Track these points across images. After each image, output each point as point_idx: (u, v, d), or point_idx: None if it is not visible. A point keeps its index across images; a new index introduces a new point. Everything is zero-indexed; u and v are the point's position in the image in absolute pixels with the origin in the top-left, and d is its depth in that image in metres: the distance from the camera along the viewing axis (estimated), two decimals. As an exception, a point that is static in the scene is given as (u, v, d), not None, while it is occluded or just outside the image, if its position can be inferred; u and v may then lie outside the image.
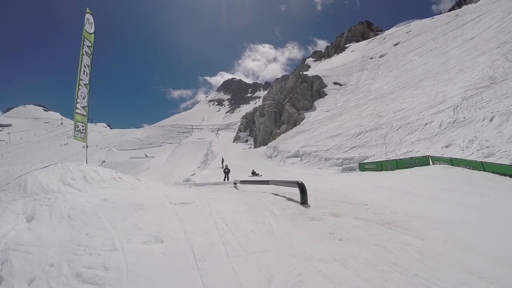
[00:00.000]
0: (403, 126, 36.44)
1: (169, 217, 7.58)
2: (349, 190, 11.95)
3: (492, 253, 5.14)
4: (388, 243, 5.81)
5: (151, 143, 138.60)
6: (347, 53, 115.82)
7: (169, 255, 5.33)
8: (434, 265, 4.76)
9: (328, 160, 37.13)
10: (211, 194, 11.55)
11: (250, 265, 4.91)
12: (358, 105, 55.90)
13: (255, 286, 4.26)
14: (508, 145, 22.34)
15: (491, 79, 35.55)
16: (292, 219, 7.50)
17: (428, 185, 14.05)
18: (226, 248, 5.65)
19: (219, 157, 53.40)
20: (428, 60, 65.40)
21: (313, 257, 5.09)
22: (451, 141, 27.69)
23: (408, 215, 7.72)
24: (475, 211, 9.23)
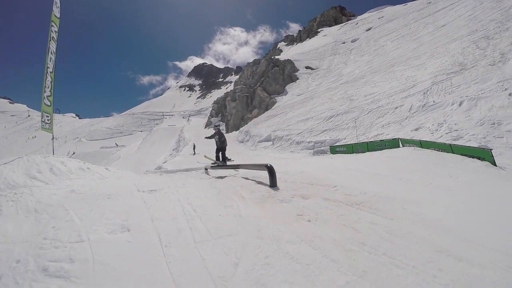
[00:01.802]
0: (374, 109, 37.45)
1: (136, 205, 7.41)
2: (319, 172, 11.90)
3: (460, 232, 5.20)
4: (357, 223, 5.77)
5: (121, 131, 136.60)
6: (319, 38, 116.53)
7: (136, 243, 5.20)
8: (402, 244, 4.75)
9: (300, 143, 37.70)
10: (181, 180, 11.39)
11: (217, 250, 4.82)
12: (330, 89, 56.63)
13: (222, 270, 4.17)
14: (476, 128, 23.01)
15: (461, 65, 36.78)
16: (261, 202, 7.39)
17: (398, 166, 14.18)
18: (193, 233, 5.54)
19: (190, 144, 53.11)
20: (400, 46, 66.64)
21: (280, 239, 5.01)
22: (420, 124, 28.43)
23: (377, 196, 7.69)
24: (444, 192, 9.32)
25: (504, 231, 5.50)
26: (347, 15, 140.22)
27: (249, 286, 3.78)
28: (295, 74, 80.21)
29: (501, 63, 32.35)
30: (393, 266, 4.11)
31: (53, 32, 15.78)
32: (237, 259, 4.46)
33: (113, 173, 14.20)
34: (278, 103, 67.24)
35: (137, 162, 55.16)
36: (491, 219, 6.35)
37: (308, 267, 4.10)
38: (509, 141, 20.88)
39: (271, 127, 48.48)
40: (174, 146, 68.62)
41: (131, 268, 4.36)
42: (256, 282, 3.83)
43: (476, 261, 4.18)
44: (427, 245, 4.71)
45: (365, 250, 4.60)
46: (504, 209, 7.42)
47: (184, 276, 4.11)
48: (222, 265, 4.33)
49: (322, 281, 3.78)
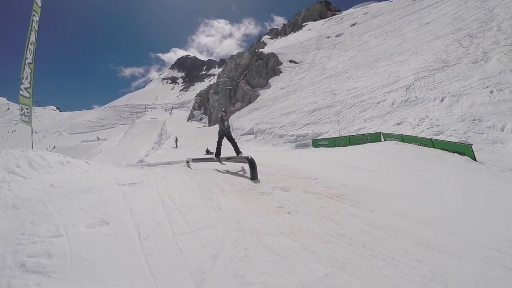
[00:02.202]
0: (357, 104, 37.97)
1: (116, 198, 7.27)
2: (301, 165, 11.94)
3: (439, 224, 5.25)
4: (336, 215, 5.79)
5: (103, 125, 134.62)
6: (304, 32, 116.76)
7: (114, 236, 5.10)
8: (382, 236, 4.78)
9: (282, 137, 38.04)
10: (162, 173, 11.22)
11: (195, 242, 4.78)
12: (313, 83, 56.93)
13: (200, 263, 4.14)
14: (457, 124, 23.50)
15: (444, 62, 37.70)
16: (241, 195, 7.38)
17: (379, 160, 14.32)
18: (171, 226, 5.48)
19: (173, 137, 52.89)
20: (384, 42, 67.38)
21: (260, 231, 5.00)
22: (402, 119, 28.95)
23: (357, 188, 7.76)
24: (424, 185, 9.43)
25: (483, 224, 5.58)
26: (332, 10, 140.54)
27: (228, 278, 3.74)
28: (278, 68, 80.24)
29: (483, 62, 33.18)
30: (373, 257, 4.12)
31: (35, 22, 15.39)
32: (216, 251, 4.43)
33: (93, 166, 13.95)
34: (261, 96, 67.27)
35: (118, 156, 54.60)
36: (470, 212, 6.42)
37: (287, 259, 4.09)
38: (489, 137, 21.48)
39: (253, 120, 48.55)
40: (156, 139, 68.14)
41: (109, 262, 4.28)
42: (234, 274, 3.80)
43: (455, 253, 4.22)
44: (406, 237, 4.74)
45: (345, 242, 4.62)
46: (483, 203, 7.54)
47: (162, 269, 4.06)
48: (200, 257, 4.29)
49: (301, 273, 3.77)
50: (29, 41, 14.93)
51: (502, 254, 4.25)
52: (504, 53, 33.14)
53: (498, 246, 4.51)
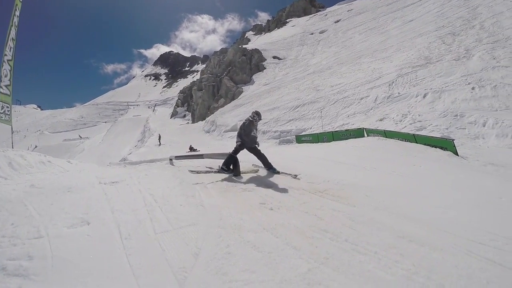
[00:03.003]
0: (340, 100, 38.32)
1: (97, 197, 7.15)
2: (284, 161, 11.99)
3: (422, 218, 5.32)
4: (319, 210, 5.82)
5: (85, 123, 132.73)
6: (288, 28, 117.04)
7: (95, 236, 5.02)
8: (365, 230, 4.82)
9: (266, 133, 38.19)
10: (144, 171, 11.03)
11: (177, 240, 4.74)
12: (297, 79, 57.18)
13: (182, 261, 4.09)
14: (440, 119, 23.90)
15: (426, 59, 38.53)
16: (224, 191, 7.35)
17: (362, 155, 14.45)
18: (153, 224, 5.42)
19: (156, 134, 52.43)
20: (367, 38, 68.04)
21: (242, 228, 4.99)
22: (385, 115, 29.36)
23: (340, 183, 7.80)
24: (407, 180, 9.54)
25: (465, 217, 5.65)
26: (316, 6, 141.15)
27: (210, 276, 3.71)
28: (262, 64, 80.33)
29: (466, 59, 34.16)
30: (355, 252, 4.14)
31: (15, 17, 15.03)
32: (198, 249, 4.40)
33: (75, 166, 13.73)
34: (245, 93, 67.36)
35: (101, 154, 53.99)
36: (452, 206, 6.47)
37: (270, 255, 4.08)
38: (471, 132, 22.05)
39: (237, 116, 48.52)
40: (139, 137, 67.35)
41: (91, 262, 4.22)
42: (216, 271, 3.77)
43: (437, 246, 4.27)
44: (389, 231, 4.78)
45: (327, 237, 4.63)
46: (465, 197, 7.62)
47: (143, 269, 4.01)
48: (182, 255, 4.25)
49: (284, 269, 3.75)
50: (9, 37, 14.56)
51: (485, 247, 4.31)
52: (486, 50, 34.06)
53: (480, 239, 4.57)
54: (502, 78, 27.85)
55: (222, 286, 3.48)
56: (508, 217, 6.21)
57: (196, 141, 41.11)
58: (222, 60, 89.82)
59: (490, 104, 24.86)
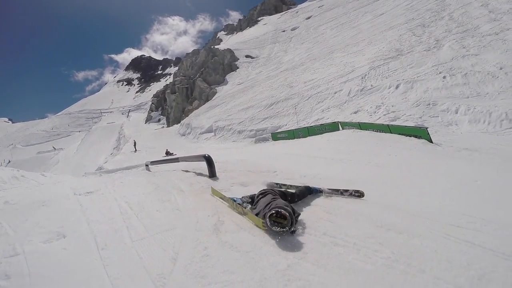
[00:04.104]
0: (314, 95, 38.59)
1: (72, 209, 7.10)
2: (260, 159, 12.34)
3: (399, 206, 5.33)
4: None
5: (58, 133, 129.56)
6: (259, 26, 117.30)
7: (71, 249, 4.98)
8: (342, 222, 4.82)
9: (242, 132, 38.22)
10: (119, 179, 11.04)
11: (154, 246, 4.73)
12: (270, 77, 57.37)
13: (160, 267, 4.07)
14: (413, 109, 24.37)
15: (397, 51, 39.32)
16: (200, 194, 7.27)
17: (338, 148, 14.66)
18: (130, 232, 5.39)
19: (131, 141, 51.71)
20: (339, 33, 68.74)
21: (219, 230, 4.96)
22: (359, 108, 29.81)
23: (317, 177, 7.86)
24: (382, 170, 9.61)
25: (442, 202, 5.71)
26: (287, 3, 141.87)
27: (189, 280, 3.69)
28: (235, 64, 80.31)
29: (436, 49, 35.02)
30: (334, 245, 4.15)
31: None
32: (175, 254, 4.37)
33: (49, 178, 13.58)
34: (219, 93, 67.08)
35: (77, 165, 53.10)
36: (428, 192, 6.57)
37: (248, 254, 4.07)
38: (444, 120, 22.65)
39: (212, 118, 48.31)
40: (114, 144, 66.50)
41: (68, 276, 4.18)
42: (195, 275, 3.75)
43: (416, 233, 4.30)
44: (367, 222, 4.78)
45: (306, 232, 4.63)
46: (441, 182, 7.73)
47: (122, 278, 3.97)
48: (160, 262, 4.23)
49: (263, 267, 3.75)
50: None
51: (463, 229, 4.37)
52: (456, 40, 34.95)
53: (458, 222, 4.62)
54: (472, 66, 28.54)
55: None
56: (484, 199, 6.26)
57: (172, 145, 40.82)
58: (194, 61, 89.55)
59: (462, 92, 25.47)
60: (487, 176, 8.88)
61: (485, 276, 3.32)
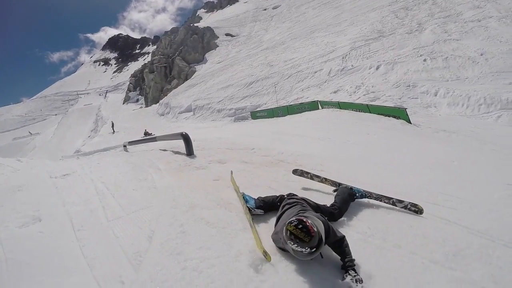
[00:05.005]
0: (294, 74, 38.65)
1: (48, 192, 6.94)
2: (238, 137, 12.15)
3: (376, 183, 5.41)
4: (274, 182, 5.89)
5: (34, 118, 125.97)
6: (240, 4, 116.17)
7: (47, 232, 4.86)
8: (319, 198, 4.71)
9: (221, 111, 38.14)
10: (96, 161, 10.93)
11: (130, 225, 4.67)
12: (250, 55, 57.05)
13: (136, 246, 4.03)
14: (393, 90, 24.80)
15: (379, 32, 39.78)
16: (177, 172, 7.24)
17: (317, 127, 14.84)
18: (105, 212, 5.31)
19: (109, 122, 50.90)
20: (321, 13, 68.66)
21: (196, 206, 4.92)
22: (339, 87, 30.26)
23: (294, 155, 7.87)
24: (360, 148, 9.79)
25: (419, 180, 5.95)
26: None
27: (165, 257, 3.65)
28: (214, 42, 79.34)
29: (418, 32, 35.71)
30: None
31: None
32: (151, 231, 4.33)
33: (26, 163, 13.32)
34: (198, 72, 66.27)
35: (54, 149, 51.88)
36: (405, 170, 6.83)
37: (224, 230, 4.08)
38: (423, 101, 23.38)
39: (191, 97, 48.04)
40: (92, 126, 65.39)
41: (45, 260, 4.06)
42: (171, 252, 3.72)
43: (392, 209, 4.43)
44: None
45: None
46: (418, 161, 7.98)
47: (98, 258, 3.90)
48: (136, 240, 4.19)
49: (239, 242, 3.76)
50: None
51: (439, 207, 4.54)
52: (438, 24, 35.62)
53: (434, 200, 4.81)
54: (453, 50, 29.16)
55: (178, 266, 3.41)
56: (460, 178, 6.49)
57: (151, 125, 40.36)
58: (173, 40, 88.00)
59: (442, 75, 26.05)
60: (464, 157, 9.13)
61: (460, 253, 3.39)
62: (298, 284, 3.00)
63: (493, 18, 32.41)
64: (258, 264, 3.29)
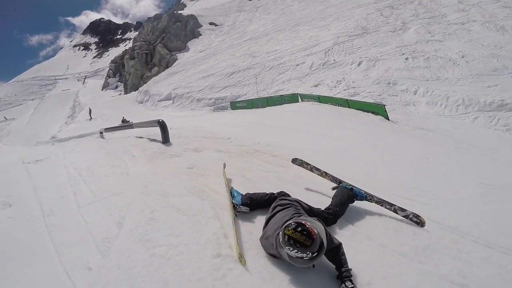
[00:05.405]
0: (276, 66, 38.83)
1: (19, 178, 6.86)
2: (216, 126, 12.33)
3: (351, 176, 5.33)
4: (248, 171, 5.90)
5: (10, 102, 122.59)
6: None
7: (17, 218, 4.84)
8: (293, 189, 4.78)
9: (201, 100, 38.05)
10: (71, 147, 10.77)
11: (101, 211, 4.65)
12: (233, 45, 56.94)
13: (105, 232, 4.02)
14: (373, 86, 25.36)
15: (363, 29, 40.20)
16: (152, 159, 7.22)
17: (296, 119, 15.01)
18: (76, 198, 5.26)
19: (86, 108, 49.93)
20: (307, 7, 68.85)
21: (168, 194, 4.89)
22: (320, 81, 30.77)
23: (271, 145, 7.90)
24: (338, 141, 9.95)
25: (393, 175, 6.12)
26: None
27: (133, 243, 3.64)
28: (198, 30, 78.58)
29: (402, 31, 36.28)
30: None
31: None
32: (122, 218, 4.30)
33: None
34: (179, 60, 65.49)
35: (30, 135, 50.13)
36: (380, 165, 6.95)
37: (195, 218, 4.06)
38: (402, 99, 24.01)
39: (171, 85, 47.44)
40: (69, 113, 63.53)
41: (13, 246, 4.05)
42: (140, 239, 3.71)
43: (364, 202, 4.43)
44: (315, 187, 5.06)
45: None
46: (393, 157, 8.18)
47: (66, 244, 3.89)
48: (106, 226, 4.17)
49: (209, 231, 3.76)
50: None
51: (412, 202, 4.65)
52: (422, 25, 36.28)
53: (407, 195, 4.94)
54: (435, 51, 29.87)
55: (146, 252, 3.40)
56: (434, 175, 6.61)
57: (129, 112, 39.52)
58: (156, 26, 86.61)
59: (422, 74, 26.69)
60: (439, 155, 9.35)
61: (430, 247, 3.47)
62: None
63: (477, 22, 33.15)
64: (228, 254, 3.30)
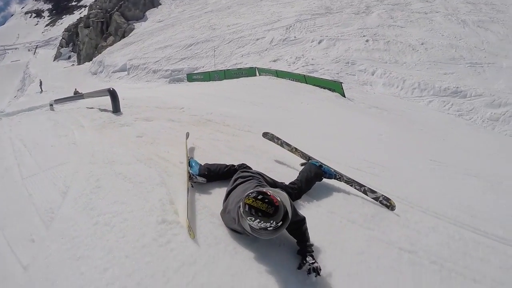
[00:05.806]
0: (235, 39, 38.69)
1: None
2: (170, 97, 12.02)
3: (302, 146, 5.27)
4: (199, 140, 5.88)
5: None
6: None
7: None
8: (243, 157, 4.86)
9: (157, 72, 37.56)
10: (17, 119, 10.44)
11: (45, 182, 4.55)
12: (193, 17, 55.97)
13: (49, 202, 3.93)
14: (332, 65, 26.30)
15: (327, 9, 40.54)
16: (100, 129, 7.06)
17: (252, 92, 15.21)
18: (20, 169, 5.17)
19: (37, 80, 47.92)
20: (273, -18, 67.48)
21: (115, 162, 4.83)
22: (279, 56, 31.36)
23: (223, 115, 7.94)
24: (292, 114, 10.12)
25: (345, 148, 6.41)
26: None
27: (77, 212, 3.60)
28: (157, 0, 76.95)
29: (365, 14, 37.04)
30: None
31: None
32: (66, 187, 4.22)
33: None
34: (137, 30, 63.47)
35: None
36: (333, 137, 7.24)
37: (141, 185, 4.04)
38: (359, 79, 24.94)
39: (127, 55, 45.94)
40: (19, 85, 60.96)
41: None
42: (84, 207, 3.67)
43: None
44: (267, 157, 5.13)
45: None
46: (347, 131, 8.58)
47: (9, 218, 3.88)
48: (50, 197, 4.09)
49: (155, 198, 3.74)
50: None
51: (362, 172, 4.90)
52: (385, 10, 37.12)
53: (358, 166, 5.22)
54: (396, 36, 30.91)
55: (90, 221, 3.38)
56: (386, 150, 6.97)
57: (82, 84, 38.19)
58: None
59: (381, 57, 27.64)
60: (392, 133, 9.71)
61: (379, 215, 3.67)
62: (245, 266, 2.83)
63: (440, 14, 34.38)
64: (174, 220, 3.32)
